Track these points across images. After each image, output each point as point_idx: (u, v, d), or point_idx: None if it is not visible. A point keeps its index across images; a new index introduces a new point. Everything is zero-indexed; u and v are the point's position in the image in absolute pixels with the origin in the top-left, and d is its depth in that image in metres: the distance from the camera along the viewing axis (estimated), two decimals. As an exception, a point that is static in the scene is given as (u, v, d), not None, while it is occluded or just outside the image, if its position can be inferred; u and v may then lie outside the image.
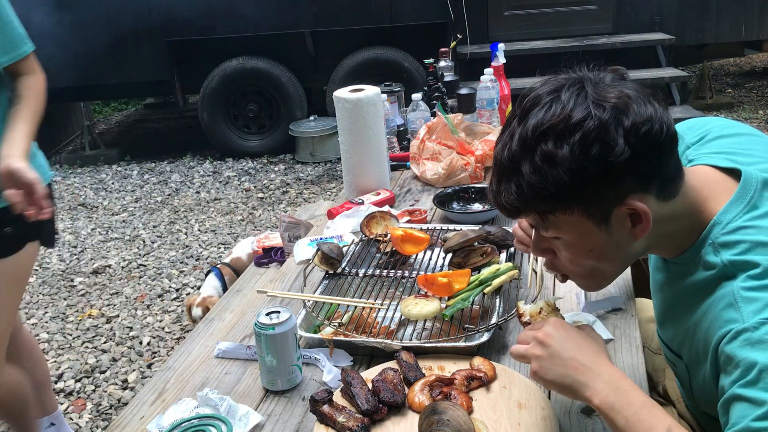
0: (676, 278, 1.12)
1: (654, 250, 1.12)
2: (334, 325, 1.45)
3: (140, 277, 4.11)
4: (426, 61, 3.01)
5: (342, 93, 2.18)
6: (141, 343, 3.39)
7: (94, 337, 3.50)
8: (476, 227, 1.79)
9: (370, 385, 1.23)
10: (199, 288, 3.90)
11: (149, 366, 3.19)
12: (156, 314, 3.67)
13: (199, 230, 4.76)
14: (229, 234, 4.64)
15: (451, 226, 1.89)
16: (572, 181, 0.94)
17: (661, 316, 1.23)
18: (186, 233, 4.73)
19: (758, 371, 0.87)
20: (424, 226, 1.89)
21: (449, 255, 1.68)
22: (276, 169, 5.90)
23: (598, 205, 0.98)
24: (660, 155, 0.97)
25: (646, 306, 1.73)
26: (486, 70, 2.74)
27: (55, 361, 3.30)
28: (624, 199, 0.97)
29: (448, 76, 3.03)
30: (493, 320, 1.41)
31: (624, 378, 0.99)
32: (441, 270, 1.67)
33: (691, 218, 1.05)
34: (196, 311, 2.98)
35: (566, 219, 1.00)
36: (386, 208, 2.08)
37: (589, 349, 1.02)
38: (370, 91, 2.18)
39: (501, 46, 2.80)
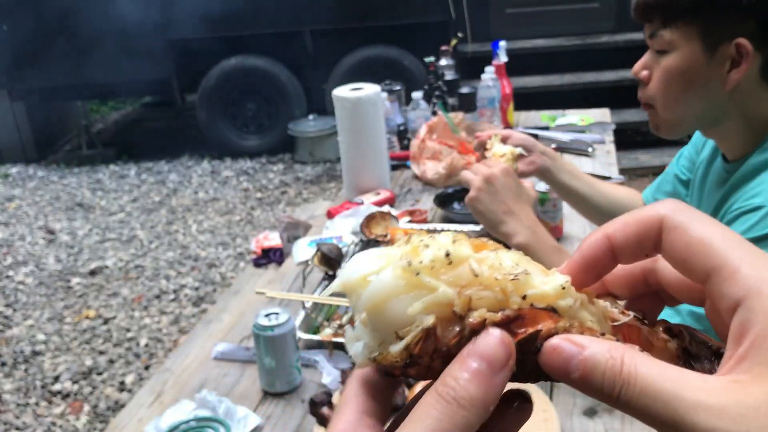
0: (728, 184, 1.16)
1: (724, 138, 1.18)
2: (333, 327, 1.44)
3: (137, 278, 4.09)
4: (426, 59, 3.00)
5: (342, 92, 2.16)
6: (138, 344, 3.37)
7: (91, 338, 3.48)
8: (477, 227, 1.77)
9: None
10: (197, 288, 3.88)
11: (147, 368, 3.17)
12: (153, 315, 3.65)
13: (197, 231, 4.73)
14: (227, 234, 4.62)
15: (452, 226, 1.87)
16: None
17: None
18: (184, 233, 4.71)
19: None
20: (425, 226, 1.88)
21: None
22: (275, 168, 5.88)
23: (717, 28, 1.08)
24: None
25: None
26: (487, 69, 2.73)
27: (52, 363, 3.28)
28: (737, 36, 1.06)
29: (449, 75, 3.01)
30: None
31: (540, 226, 1.24)
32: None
33: None
34: None
35: (684, 31, 1.11)
36: (386, 208, 2.07)
37: (519, 199, 1.26)
38: (370, 89, 2.17)
39: (502, 44, 2.79)
